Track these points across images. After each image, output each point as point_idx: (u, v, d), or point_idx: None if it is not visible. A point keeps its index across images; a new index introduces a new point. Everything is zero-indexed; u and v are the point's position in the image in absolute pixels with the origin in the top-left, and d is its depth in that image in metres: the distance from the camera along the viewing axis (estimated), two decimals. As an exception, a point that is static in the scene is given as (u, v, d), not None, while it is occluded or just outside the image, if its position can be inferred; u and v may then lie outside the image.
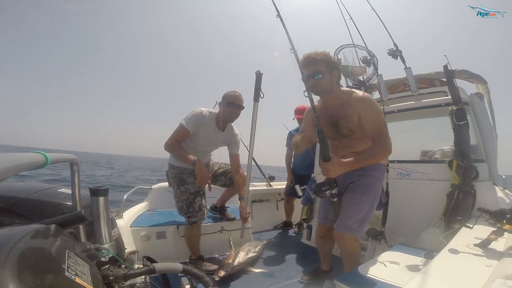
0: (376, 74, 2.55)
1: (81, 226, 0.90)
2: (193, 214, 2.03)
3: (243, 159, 2.30)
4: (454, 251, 1.11)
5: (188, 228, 2.08)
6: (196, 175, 1.93)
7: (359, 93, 1.56)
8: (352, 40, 2.72)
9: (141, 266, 0.86)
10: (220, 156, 2.36)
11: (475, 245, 1.15)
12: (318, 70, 1.52)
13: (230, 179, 2.28)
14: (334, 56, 2.73)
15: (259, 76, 1.96)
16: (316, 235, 1.90)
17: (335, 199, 1.54)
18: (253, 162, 4.07)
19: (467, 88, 2.40)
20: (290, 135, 3.19)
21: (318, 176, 2.86)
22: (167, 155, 2.10)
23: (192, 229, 2.07)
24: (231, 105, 2.03)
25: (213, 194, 2.45)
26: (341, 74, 1.65)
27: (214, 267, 2.02)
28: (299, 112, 3.16)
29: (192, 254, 2.15)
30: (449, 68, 2.09)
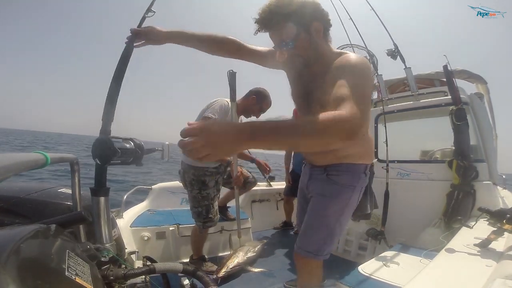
0: (376, 74, 2.55)
1: (81, 226, 0.90)
2: (211, 219, 1.98)
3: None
4: (454, 251, 1.11)
5: (200, 231, 2.02)
6: (232, 174, 2.03)
7: (350, 56, 0.96)
8: (350, 40, 2.71)
9: (141, 266, 0.86)
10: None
11: (475, 245, 1.15)
12: (287, 34, 0.95)
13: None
14: None
15: (232, 75, 1.88)
16: None
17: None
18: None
19: (467, 88, 2.41)
20: None
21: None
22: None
23: (203, 231, 2.04)
24: (266, 107, 2.04)
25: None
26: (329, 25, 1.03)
27: (216, 267, 2.02)
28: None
29: (194, 254, 2.13)
30: (449, 68, 2.10)
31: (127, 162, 0.92)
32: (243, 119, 2.09)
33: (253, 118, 2.06)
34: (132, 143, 0.93)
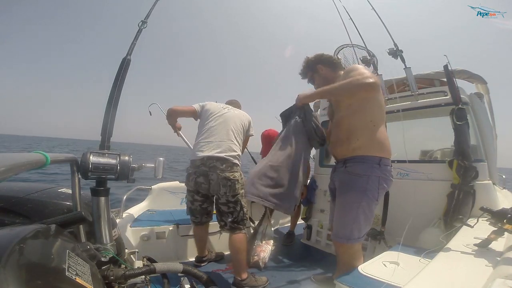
0: (376, 74, 2.55)
1: (81, 226, 0.90)
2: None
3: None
4: (454, 251, 1.11)
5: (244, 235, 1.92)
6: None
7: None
8: (351, 40, 2.71)
9: (141, 266, 0.86)
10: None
11: (475, 245, 1.15)
12: (309, 78, 1.65)
13: None
14: (334, 55, 2.74)
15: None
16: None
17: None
18: (253, 161, 4.04)
19: (467, 88, 2.40)
20: None
21: (318, 176, 2.86)
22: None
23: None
24: None
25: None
26: (334, 61, 1.65)
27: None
28: (266, 138, 2.85)
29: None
30: (449, 68, 2.10)
31: (112, 178, 0.90)
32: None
33: None
34: (118, 159, 0.90)
